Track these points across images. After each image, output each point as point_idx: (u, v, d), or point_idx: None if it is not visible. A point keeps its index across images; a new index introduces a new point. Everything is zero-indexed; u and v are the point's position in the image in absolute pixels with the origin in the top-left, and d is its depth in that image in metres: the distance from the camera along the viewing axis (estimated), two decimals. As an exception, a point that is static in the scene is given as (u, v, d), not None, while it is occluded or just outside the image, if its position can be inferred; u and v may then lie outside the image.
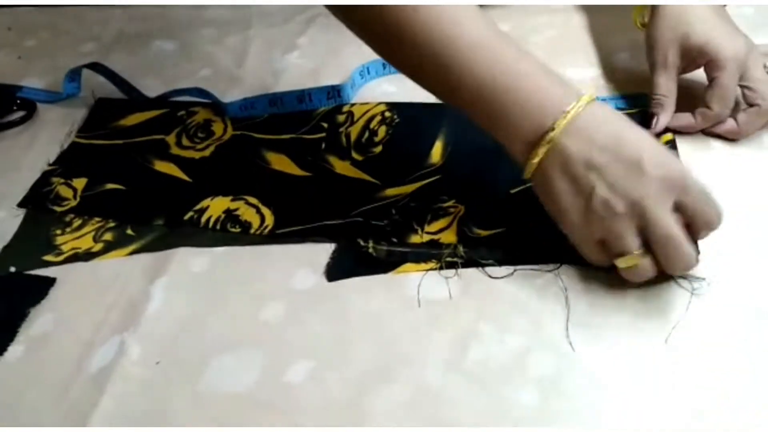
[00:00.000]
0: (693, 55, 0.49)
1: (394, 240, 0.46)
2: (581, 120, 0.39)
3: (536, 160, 0.40)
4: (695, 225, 0.39)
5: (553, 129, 0.39)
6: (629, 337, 0.40)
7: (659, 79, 0.50)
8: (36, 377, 0.41)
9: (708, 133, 0.50)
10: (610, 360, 0.39)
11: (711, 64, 0.48)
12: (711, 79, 0.48)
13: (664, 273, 0.40)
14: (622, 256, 0.39)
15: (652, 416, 0.36)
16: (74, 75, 0.61)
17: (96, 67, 0.61)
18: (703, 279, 0.41)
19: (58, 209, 0.51)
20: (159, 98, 0.59)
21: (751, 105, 0.48)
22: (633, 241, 0.38)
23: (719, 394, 0.37)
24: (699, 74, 0.51)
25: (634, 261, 0.39)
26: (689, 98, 0.51)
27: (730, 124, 0.49)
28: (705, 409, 0.36)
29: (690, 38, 0.48)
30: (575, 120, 0.39)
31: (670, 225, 0.37)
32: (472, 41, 0.40)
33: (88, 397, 0.40)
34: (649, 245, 0.39)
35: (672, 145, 0.49)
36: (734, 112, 0.49)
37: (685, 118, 0.50)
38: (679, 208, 0.38)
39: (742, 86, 0.48)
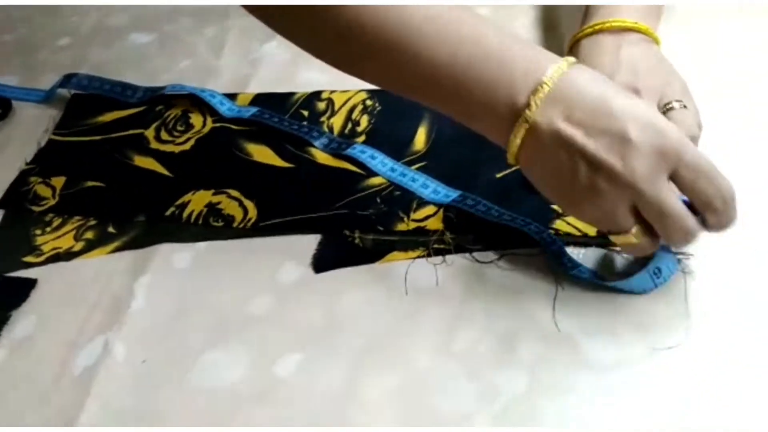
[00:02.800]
0: None
1: (381, 229, 0.45)
2: (559, 91, 0.34)
3: (516, 142, 0.35)
4: (695, 203, 0.34)
5: (528, 106, 0.34)
6: (617, 317, 0.39)
7: None
8: (20, 380, 0.41)
9: None
10: (598, 341, 0.39)
11: None
12: None
13: None
14: (617, 234, 0.36)
15: (641, 395, 0.36)
16: (51, 92, 0.60)
17: (81, 82, 0.60)
18: (692, 255, 0.41)
19: (37, 209, 0.50)
20: (154, 91, 0.58)
21: None
22: (626, 220, 0.35)
23: (708, 373, 0.37)
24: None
25: (629, 240, 0.36)
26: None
27: None
28: (693, 385, 0.36)
29: None
30: (552, 93, 0.34)
31: (664, 200, 0.33)
32: (427, 14, 0.35)
33: (73, 398, 0.39)
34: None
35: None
36: None
37: None
38: (675, 180, 0.34)
39: None
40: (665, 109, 0.42)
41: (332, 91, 0.55)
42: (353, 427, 0.37)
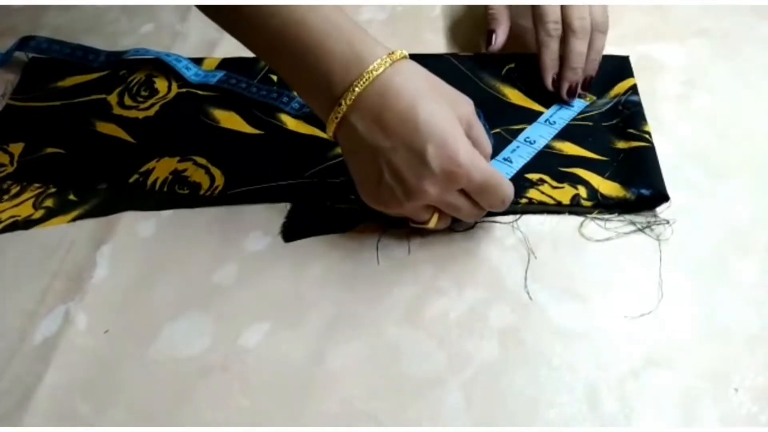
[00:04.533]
0: None
1: (353, 197, 0.44)
2: (373, 90, 0.36)
3: (329, 132, 0.38)
4: (481, 205, 0.38)
5: (341, 100, 0.36)
6: (588, 286, 0.39)
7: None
8: (-24, 351, 0.39)
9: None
10: (569, 309, 0.38)
11: None
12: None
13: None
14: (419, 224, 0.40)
15: (612, 363, 0.36)
16: (8, 55, 0.57)
17: (39, 45, 0.57)
18: (666, 222, 0.41)
19: (-6, 176, 0.48)
20: (117, 56, 0.56)
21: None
22: (424, 216, 0.39)
23: (680, 342, 0.37)
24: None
25: (429, 227, 0.40)
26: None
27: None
28: (664, 353, 0.36)
29: None
30: (366, 92, 0.36)
31: (453, 206, 0.38)
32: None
33: (32, 369, 0.38)
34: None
35: (633, 91, 0.49)
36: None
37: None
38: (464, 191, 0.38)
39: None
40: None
41: None
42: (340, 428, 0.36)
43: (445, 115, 0.36)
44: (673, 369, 0.36)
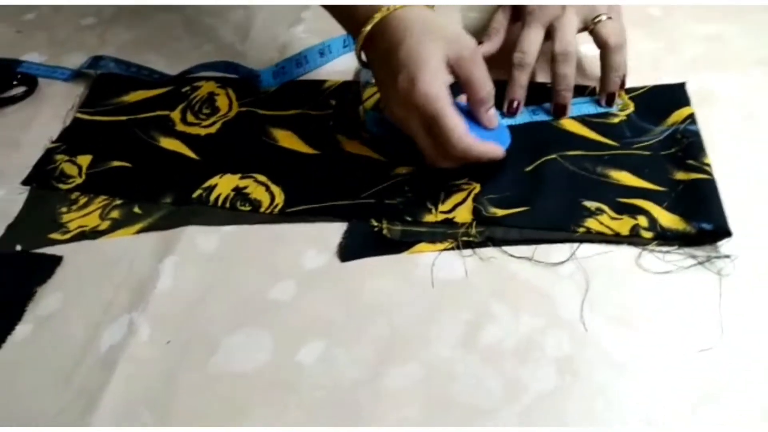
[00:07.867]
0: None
1: (408, 219, 0.45)
2: (375, 32, 0.44)
3: (358, 47, 0.46)
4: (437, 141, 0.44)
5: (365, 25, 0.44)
6: (647, 319, 0.39)
7: (495, 15, 0.54)
8: (44, 357, 0.41)
9: None
10: (627, 342, 0.38)
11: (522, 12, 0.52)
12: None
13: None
14: None
15: (671, 398, 0.36)
16: (80, 70, 0.60)
17: (106, 64, 0.60)
18: (728, 257, 0.41)
19: (64, 187, 0.50)
20: (181, 75, 0.58)
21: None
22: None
23: (740, 378, 0.36)
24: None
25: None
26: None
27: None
28: (725, 389, 0.36)
29: None
30: (384, 20, 0.44)
31: (411, 132, 0.44)
32: None
33: (97, 377, 0.39)
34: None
35: (692, 120, 0.49)
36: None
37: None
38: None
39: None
40: (594, 23, 0.50)
41: (364, 85, 0.54)
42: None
43: (424, 52, 0.42)
44: (731, 407, 0.35)
